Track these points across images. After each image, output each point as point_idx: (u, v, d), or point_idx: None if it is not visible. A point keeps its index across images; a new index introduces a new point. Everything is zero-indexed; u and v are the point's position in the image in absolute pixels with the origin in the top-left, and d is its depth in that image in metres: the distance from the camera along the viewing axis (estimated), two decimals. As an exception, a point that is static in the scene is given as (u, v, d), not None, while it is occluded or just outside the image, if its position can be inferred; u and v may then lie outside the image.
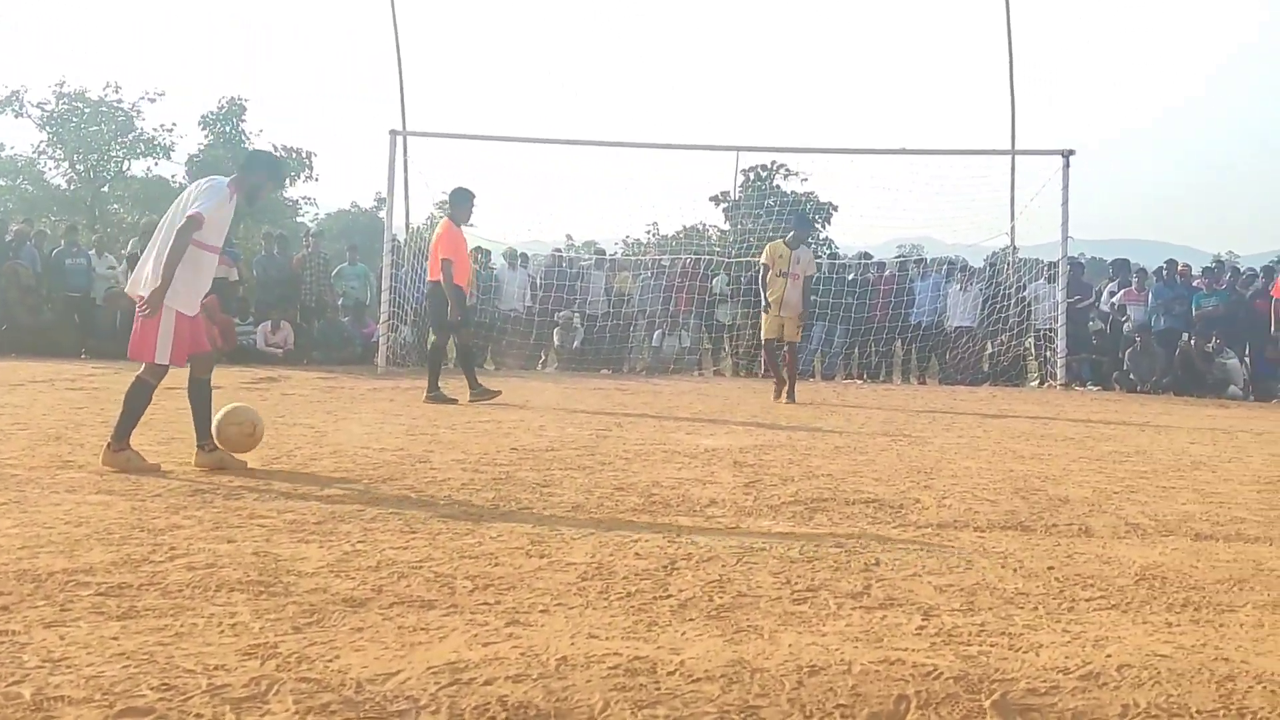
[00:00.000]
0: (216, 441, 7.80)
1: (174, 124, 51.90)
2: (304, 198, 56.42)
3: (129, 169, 51.69)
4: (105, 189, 51.23)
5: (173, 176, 52.72)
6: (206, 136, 52.44)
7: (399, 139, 22.49)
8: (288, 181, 54.43)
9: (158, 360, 7.69)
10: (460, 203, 14.69)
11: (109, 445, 7.57)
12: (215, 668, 3.42)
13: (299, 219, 54.82)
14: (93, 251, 23.19)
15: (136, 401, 7.71)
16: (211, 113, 52.53)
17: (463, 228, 14.34)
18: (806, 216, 20.32)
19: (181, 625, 3.85)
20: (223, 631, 3.79)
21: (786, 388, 15.98)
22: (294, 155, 53.88)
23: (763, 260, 16.45)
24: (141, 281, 7.83)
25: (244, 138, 52.86)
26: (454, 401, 13.76)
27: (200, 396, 7.90)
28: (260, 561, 4.84)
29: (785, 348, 16.51)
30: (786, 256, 16.10)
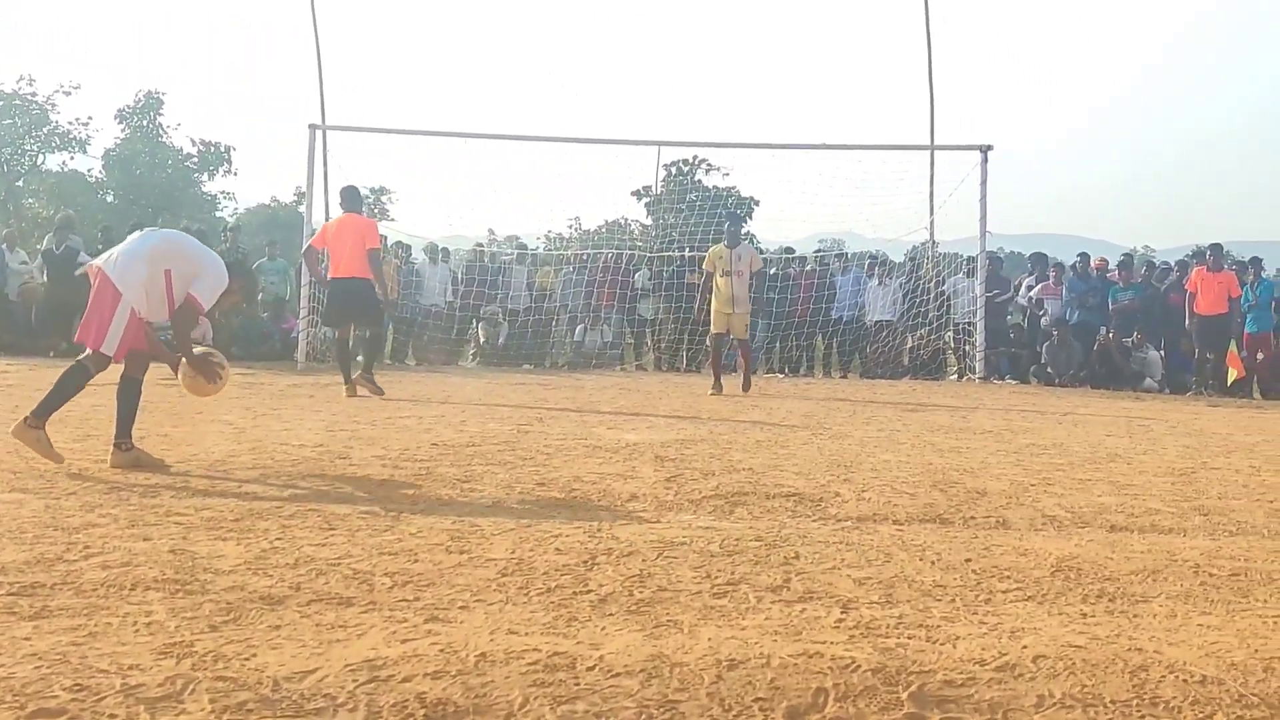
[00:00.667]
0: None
1: (90, 117, 51.64)
2: (222, 192, 55.96)
3: (44, 163, 51.13)
4: (20, 183, 50.63)
5: (89, 171, 52.21)
6: (123, 130, 51.95)
7: (319, 133, 22.30)
8: (206, 176, 53.99)
9: (104, 350, 7.48)
10: (356, 199, 15.52)
11: (116, 446, 7.53)
12: (130, 667, 3.39)
13: (217, 214, 54.36)
14: (4, 246, 22.80)
15: (130, 393, 7.72)
16: (128, 106, 52.04)
17: (382, 222, 14.72)
18: (736, 214, 20.42)
19: (96, 625, 3.81)
20: (138, 631, 3.76)
21: (741, 379, 17.12)
22: (212, 149, 53.43)
23: (705, 267, 17.14)
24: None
25: (161, 131, 52.39)
26: (381, 392, 14.01)
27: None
28: (177, 559, 4.79)
29: (736, 343, 17.67)
30: (726, 256, 16.64)
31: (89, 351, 7.57)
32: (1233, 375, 19.39)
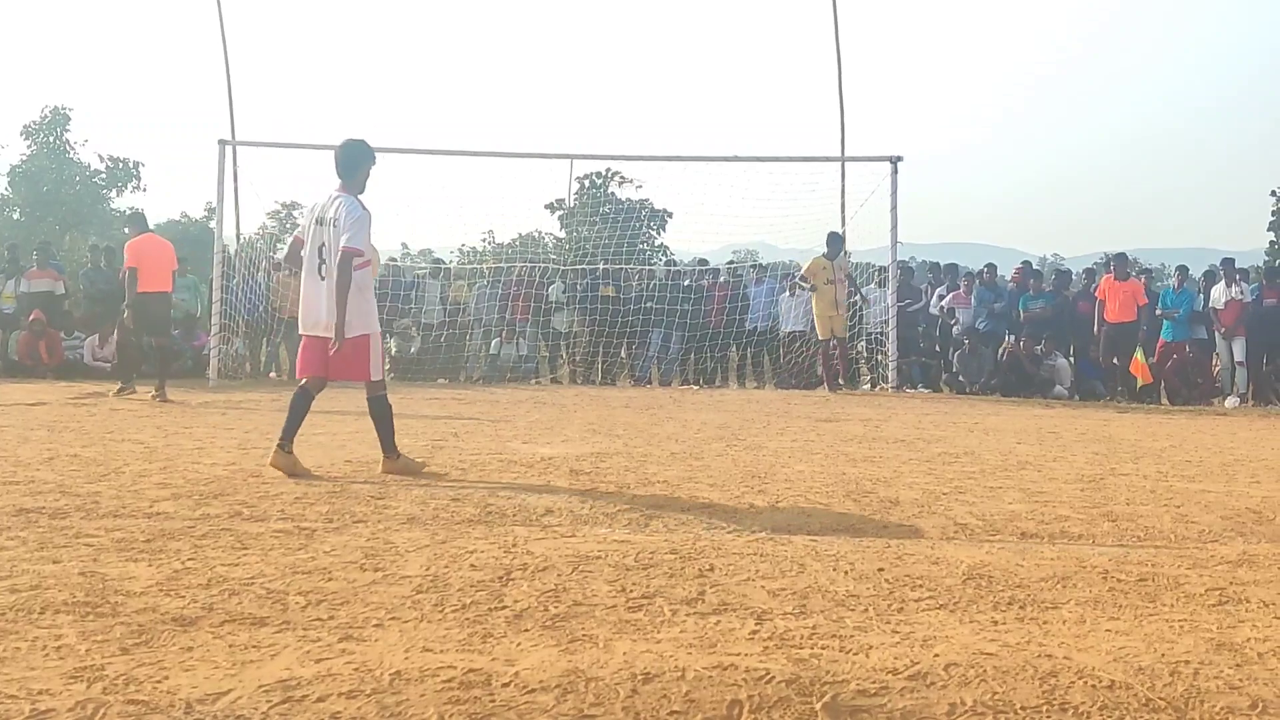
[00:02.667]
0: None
1: (-6, 135, 50.71)
2: (131, 208, 55.26)
3: (-53, 181, 50.36)
4: (-76, 200, 49.89)
5: (-6, 187, 51.46)
6: (29, 147, 51.21)
7: (228, 148, 22.12)
8: (114, 192, 53.33)
9: (373, 376, 8.59)
10: (139, 223, 17.87)
11: (386, 458, 8.44)
12: (39, 692, 3.35)
13: (127, 230, 53.75)
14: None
15: (387, 414, 8.61)
16: (34, 122, 51.29)
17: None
18: (837, 233, 21.31)
19: (4, 650, 3.76)
20: (47, 655, 3.72)
21: (843, 375, 20.24)
22: (121, 165, 52.80)
23: (805, 273, 20.54)
24: (320, 323, 8.40)
25: (68, 148, 51.69)
26: (134, 391, 16.19)
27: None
28: (87, 582, 4.74)
29: (835, 341, 20.34)
30: (829, 267, 20.00)
31: (367, 383, 8.66)
32: (1139, 382, 19.67)
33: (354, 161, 8.66)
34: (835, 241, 20.74)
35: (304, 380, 8.65)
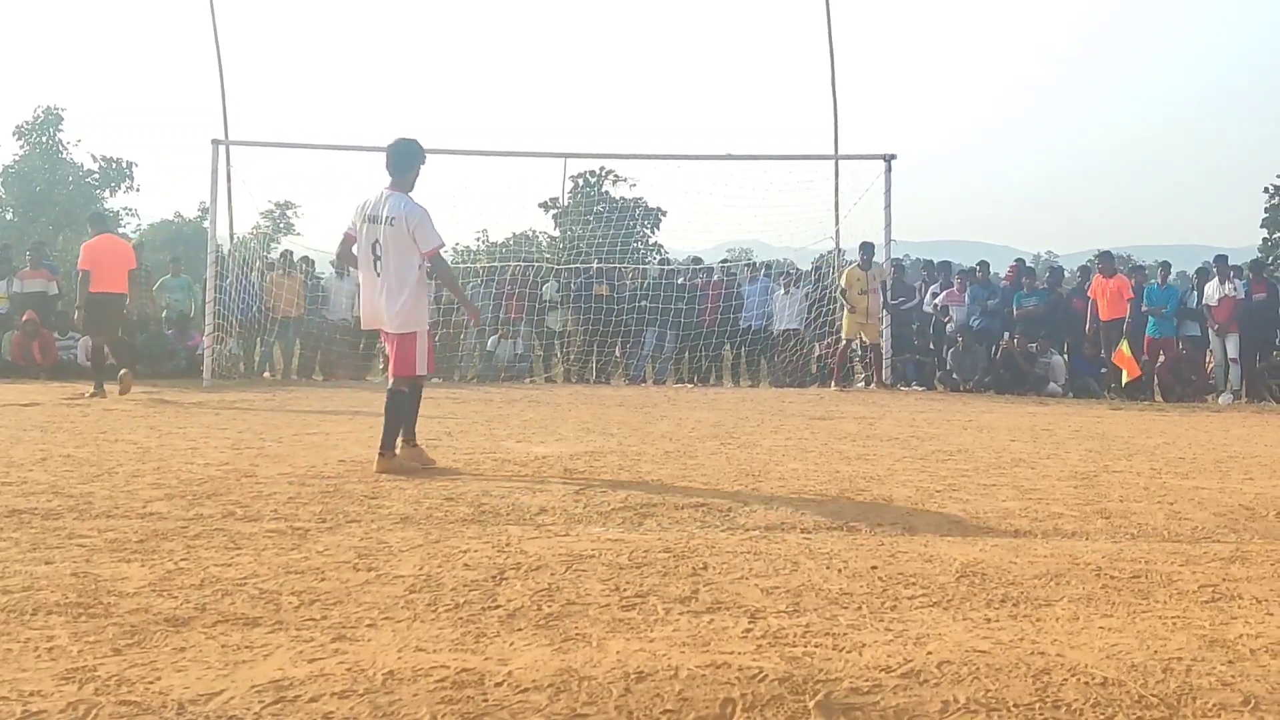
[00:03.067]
0: None
1: (-14, 134, 50.67)
2: (125, 209, 55.25)
3: (-62, 180, 50.34)
4: (-84, 203, 49.83)
5: (-13, 188, 51.42)
6: (22, 147, 51.21)
7: (221, 148, 22.09)
8: (108, 192, 53.29)
9: (419, 371, 8.84)
10: (98, 223, 18.11)
11: (381, 454, 8.52)
12: (31, 693, 3.35)
13: (120, 230, 53.69)
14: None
15: (401, 409, 8.79)
16: (26, 122, 51.26)
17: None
18: (869, 243, 21.39)
19: (-4, 651, 3.76)
20: (39, 656, 3.71)
21: (878, 379, 20.57)
22: (114, 165, 52.78)
23: (843, 284, 20.78)
24: (383, 316, 8.70)
25: (61, 148, 51.67)
26: (104, 394, 16.20)
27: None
28: (80, 583, 4.73)
29: (869, 348, 21.02)
30: (863, 278, 20.46)
31: (403, 377, 8.89)
32: (1125, 376, 19.66)
33: (406, 160, 8.84)
34: (868, 250, 21.00)
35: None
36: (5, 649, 3.78)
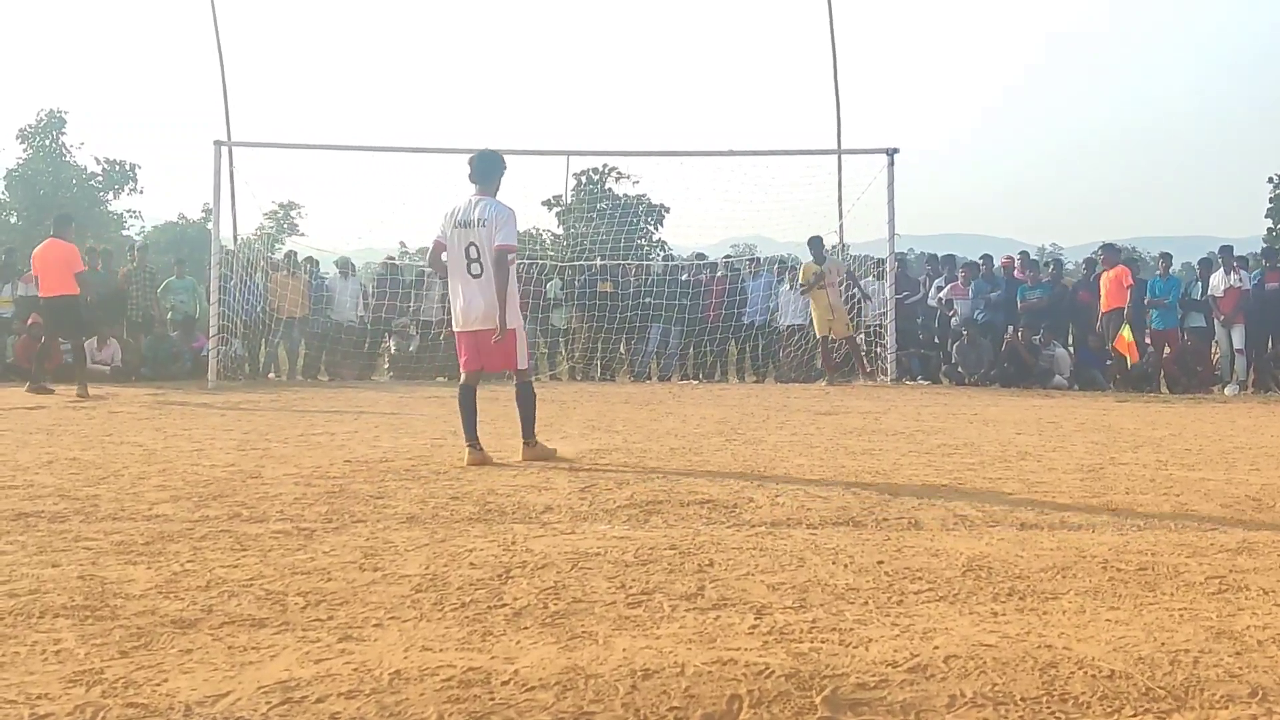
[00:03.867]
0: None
1: (-10, 139, 50.80)
2: (129, 211, 55.38)
3: (-56, 185, 50.43)
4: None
5: (-8, 191, 51.50)
6: (25, 150, 51.29)
7: (224, 149, 22.12)
8: (111, 194, 53.31)
9: (521, 365, 9.47)
10: (63, 225, 18.46)
11: (526, 444, 9.26)
12: (38, 696, 3.35)
13: (124, 232, 53.77)
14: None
15: (532, 399, 9.44)
16: (30, 126, 51.33)
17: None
18: (817, 237, 21.57)
19: (3, 654, 3.75)
20: (46, 659, 3.71)
21: (864, 371, 21.11)
22: (117, 168, 52.82)
23: (801, 280, 21.08)
24: (478, 317, 9.24)
25: (64, 151, 51.72)
26: (52, 391, 16.98)
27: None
28: (86, 585, 4.74)
29: (843, 341, 21.15)
30: (821, 272, 20.52)
31: (517, 372, 9.52)
32: (1128, 360, 19.63)
33: (489, 169, 9.36)
34: (817, 245, 21.21)
35: (464, 378, 9.53)
36: (13, 652, 3.78)
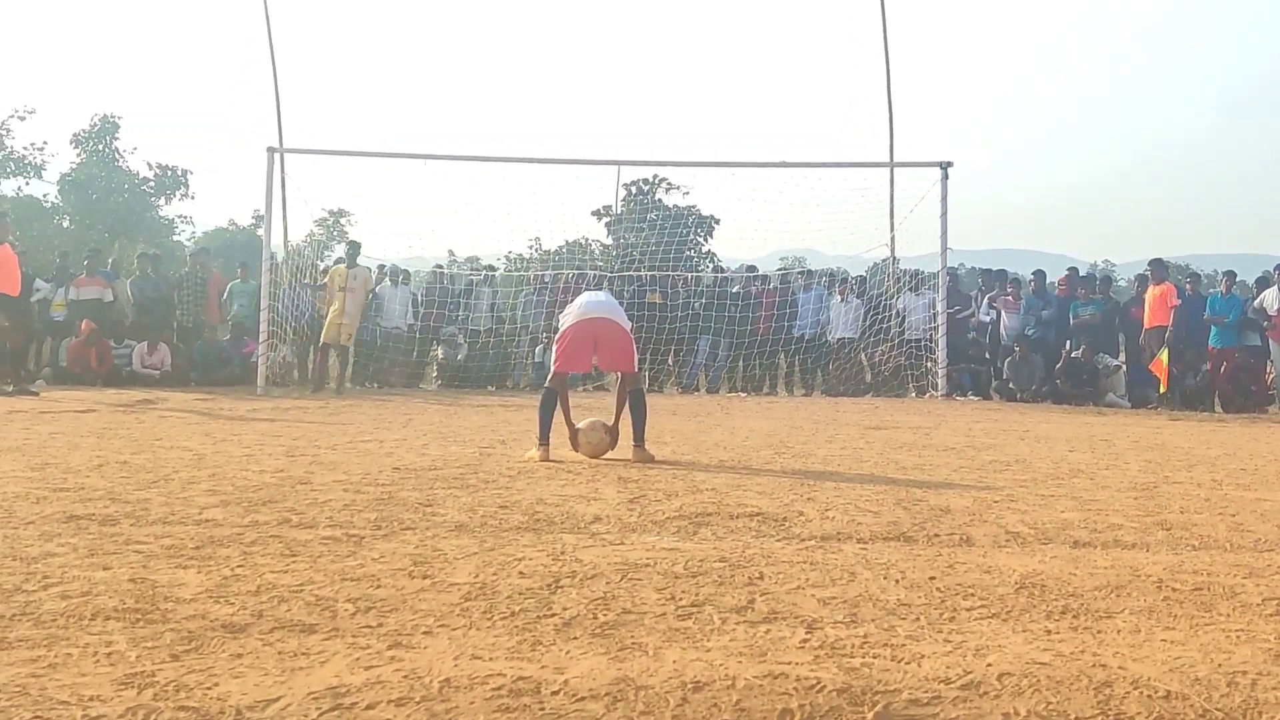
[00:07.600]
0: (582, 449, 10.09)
1: (45, 142, 51.40)
2: (180, 216, 55.72)
3: (-2, 188, 50.82)
4: (-26, 210, 50.37)
5: (44, 196, 51.90)
6: (79, 155, 51.67)
7: (276, 156, 22.27)
8: (163, 200, 53.69)
9: (634, 370, 10.28)
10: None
11: (636, 446, 9.94)
12: (91, 698, 3.35)
13: (175, 238, 54.15)
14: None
15: (644, 404, 10.12)
16: (84, 130, 51.75)
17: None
18: (356, 242, 23.04)
19: (55, 656, 3.76)
20: (98, 661, 3.71)
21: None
22: (169, 173, 53.18)
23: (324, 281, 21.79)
24: (608, 311, 10.23)
25: (117, 155, 52.12)
26: (36, 394, 17.23)
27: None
28: (137, 588, 4.74)
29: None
30: (345, 274, 21.21)
31: (630, 375, 10.24)
32: (1161, 384, 19.50)
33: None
34: (354, 248, 22.67)
35: (552, 380, 10.18)
36: (65, 653, 3.79)
